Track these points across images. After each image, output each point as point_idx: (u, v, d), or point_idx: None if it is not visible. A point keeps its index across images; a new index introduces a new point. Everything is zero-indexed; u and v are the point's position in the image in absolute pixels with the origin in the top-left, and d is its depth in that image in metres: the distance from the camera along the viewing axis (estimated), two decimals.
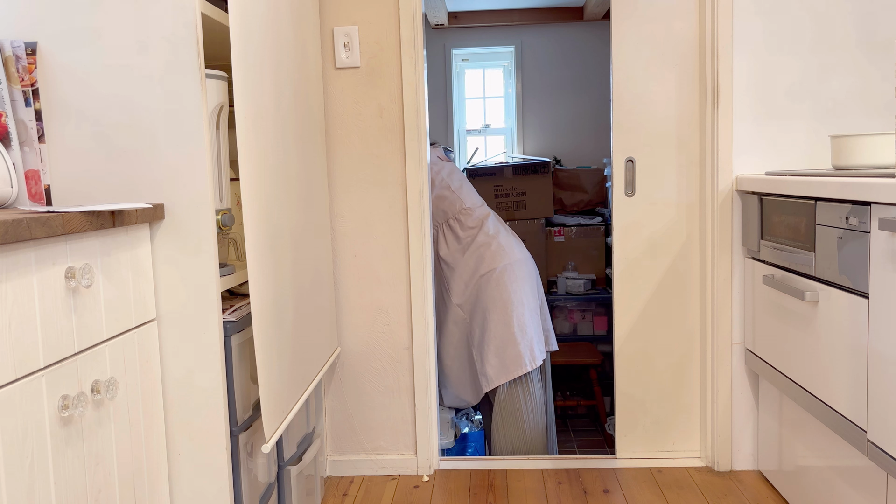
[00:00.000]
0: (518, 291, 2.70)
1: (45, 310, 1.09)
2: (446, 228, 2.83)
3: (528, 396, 2.70)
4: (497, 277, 2.70)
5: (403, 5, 2.24)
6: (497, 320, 2.66)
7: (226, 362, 1.49)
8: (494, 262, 2.72)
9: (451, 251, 2.79)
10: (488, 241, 2.76)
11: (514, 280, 2.71)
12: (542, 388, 2.77)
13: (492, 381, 2.65)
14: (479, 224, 2.81)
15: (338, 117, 2.30)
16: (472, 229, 2.80)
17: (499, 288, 2.69)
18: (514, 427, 2.70)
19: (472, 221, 2.82)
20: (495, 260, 2.72)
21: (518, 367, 2.64)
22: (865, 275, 1.51)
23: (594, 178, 3.99)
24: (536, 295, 2.81)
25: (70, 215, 1.13)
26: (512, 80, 4.47)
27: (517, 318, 2.66)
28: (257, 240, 1.48)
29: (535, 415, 2.71)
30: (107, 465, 1.24)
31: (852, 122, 2.22)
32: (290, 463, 1.91)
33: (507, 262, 2.72)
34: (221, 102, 1.55)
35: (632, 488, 2.22)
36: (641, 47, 2.29)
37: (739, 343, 2.27)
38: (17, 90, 1.37)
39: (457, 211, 2.83)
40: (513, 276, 2.71)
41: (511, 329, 2.65)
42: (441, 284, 2.81)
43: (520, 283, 2.72)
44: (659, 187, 2.33)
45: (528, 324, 2.69)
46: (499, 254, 2.73)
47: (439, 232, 2.83)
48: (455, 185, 2.88)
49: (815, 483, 1.89)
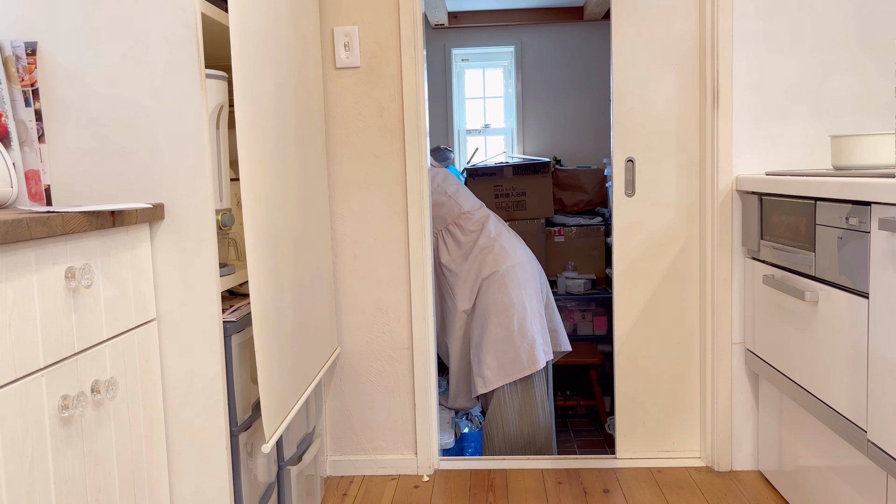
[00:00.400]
0: (520, 294, 2.69)
1: (45, 310, 1.09)
2: (446, 234, 2.81)
3: (527, 396, 2.70)
4: (499, 280, 2.69)
5: (403, 5, 2.24)
6: (497, 323, 2.65)
7: (226, 362, 1.49)
8: (497, 264, 2.71)
9: (453, 257, 2.77)
10: (490, 243, 2.75)
11: (516, 282, 2.70)
12: (542, 389, 2.76)
13: (489, 384, 2.64)
14: (479, 227, 2.80)
15: (338, 117, 2.30)
16: (473, 233, 2.78)
17: (500, 291, 2.68)
18: (512, 427, 2.70)
19: (473, 225, 2.80)
20: (497, 263, 2.71)
21: (516, 371, 2.63)
22: (865, 275, 1.51)
23: (594, 178, 3.99)
24: (541, 296, 2.80)
25: (70, 215, 1.13)
26: (512, 80, 4.47)
27: (517, 321, 2.65)
28: (257, 240, 1.48)
29: (533, 414, 2.70)
30: (107, 465, 1.24)
31: (852, 122, 2.22)
32: (290, 463, 1.91)
33: (509, 264, 2.71)
34: (221, 102, 1.55)
35: (632, 488, 2.22)
36: (641, 47, 2.29)
37: (739, 343, 2.27)
38: (17, 90, 1.37)
39: (455, 216, 2.81)
40: (514, 278, 2.70)
41: (511, 332, 2.64)
42: (446, 291, 2.79)
43: (522, 286, 2.71)
44: (659, 187, 2.33)
45: (530, 326, 2.67)
46: (501, 256, 2.72)
47: (439, 239, 2.82)
48: (451, 190, 2.87)
49: (815, 483, 1.89)
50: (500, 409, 2.69)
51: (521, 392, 2.69)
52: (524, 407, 2.69)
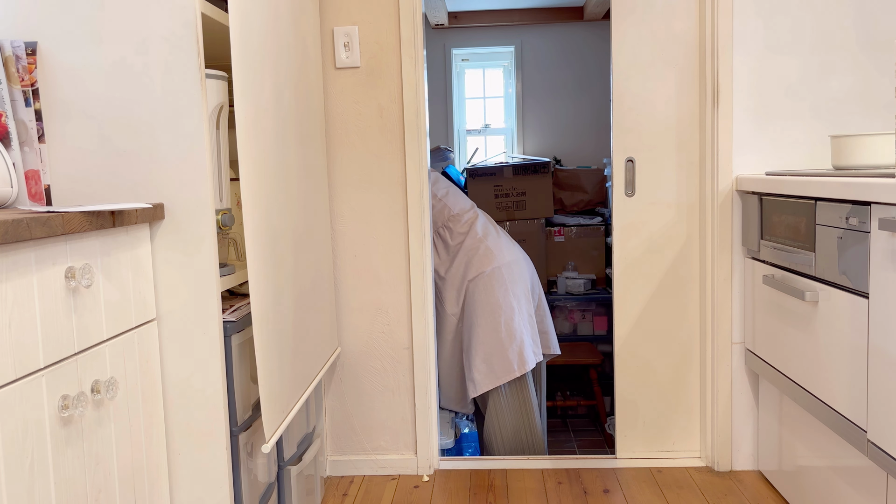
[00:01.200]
0: (507, 295, 2.66)
1: (45, 310, 1.09)
2: (436, 238, 2.79)
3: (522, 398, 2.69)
4: (485, 281, 2.67)
5: (403, 5, 2.24)
6: (484, 325, 2.63)
7: (226, 362, 1.49)
8: (482, 265, 2.68)
9: (442, 260, 2.75)
10: (476, 244, 2.72)
11: (503, 283, 2.67)
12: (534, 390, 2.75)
13: (479, 387, 2.62)
14: (467, 229, 2.78)
15: (338, 117, 2.30)
16: (461, 234, 2.76)
17: (486, 292, 2.65)
18: (507, 428, 2.69)
19: (461, 227, 2.78)
20: (483, 264, 2.69)
21: (506, 373, 2.61)
22: (865, 275, 1.51)
23: (594, 178, 3.99)
24: (530, 297, 2.77)
25: (70, 215, 1.13)
26: (512, 80, 4.47)
27: (505, 323, 2.62)
28: (257, 240, 1.48)
29: (529, 416, 2.70)
30: (107, 465, 1.24)
31: (852, 122, 2.22)
32: (290, 463, 1.91)
33: (495, 265, 2.69)
34: (221, 102, 1.55)
35: (632, 488, 2.22)
36: (641, 47, 2.29)
37: (739, 343, 2.27)
38: (17, 90, 1.37)
39: (445, 218, 2.79)
40: (501, 279, 2.67)
41: (499, 334, 2.61)
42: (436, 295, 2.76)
43: (508, 287, 2.68)
44: (659, 187, 2.33)
45: (518, 328, 2.64)
46: (487, 257, 2.70)
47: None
48: (441, 193, 2.84)
49: (815, 483, 1.89)
50: (497, 411, 2.68)
51: (513, 393, 2.68)
52: (517, 408, 2.68)
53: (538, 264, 3.53)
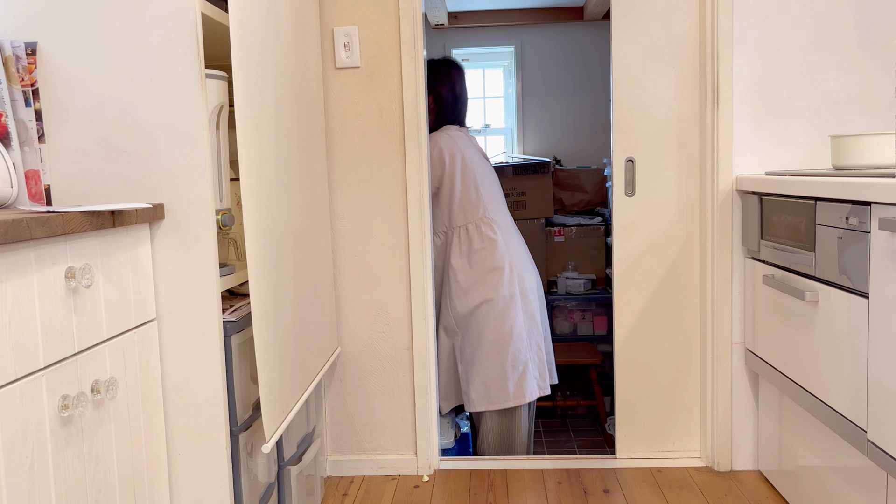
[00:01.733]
0: (521, 325, 2.58)
1: (45, 310, 1.09)
2: (463, 233, 2.62)
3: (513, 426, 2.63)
4: (502, 306, 2.56)
5: (403, 5, 2.24)
6: (491, 349, 2.56)
7: (226, 362, 1.49)
8: (505, 288, 2.57)
9: (463, 262, 2.62)
10: (501, 264, 2.58)
11: (519, 313, 2.58)
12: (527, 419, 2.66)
13: (472, 405, 2.59)
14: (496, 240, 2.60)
15: (338, 117, 2.30)
16: (491, 241, 2.60)
17: (501, 318, 2.56)
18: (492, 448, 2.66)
19: (492, 233, 2.61)
20: (505, 287, 2.57)
21: (501, 401, 2.56)
22: (865, 275, 1.51)
23: (594, 178, 3.99)
24: (540, 327, 2.67)
25: (70, 215, 1.13)
26: (512, 80, 4.47)
27: (512, 353, 2.56)
28: (257, 240, 1.48)
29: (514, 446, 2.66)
30: (107, 465, 1.24)
31: (852, 122, 2.22)
32: (290, 463, 1.91)
33: (517, 290, 2.59)
34: (221, 102, 1.55)
35: (632, 488, 2.22)
36: (642, 47, 2.29)
37: (739, 343, 2.27)
38: (17, 90, 1.37)
39: (478, 217, 2.62)
40: (517, 308, 2.58)
41: (503, 362, 2.55)
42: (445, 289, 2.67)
43: (524, 317, 2.59)
44: (659, 187, 2.33)
45: (523, 360, 2.57)
46: (511, 281, 2.58)
47: (454, 235, 2.64)
48: (484, 187, 2.65)
49: (815, 483, 1.89)
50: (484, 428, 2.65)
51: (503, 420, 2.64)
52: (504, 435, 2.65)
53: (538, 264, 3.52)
